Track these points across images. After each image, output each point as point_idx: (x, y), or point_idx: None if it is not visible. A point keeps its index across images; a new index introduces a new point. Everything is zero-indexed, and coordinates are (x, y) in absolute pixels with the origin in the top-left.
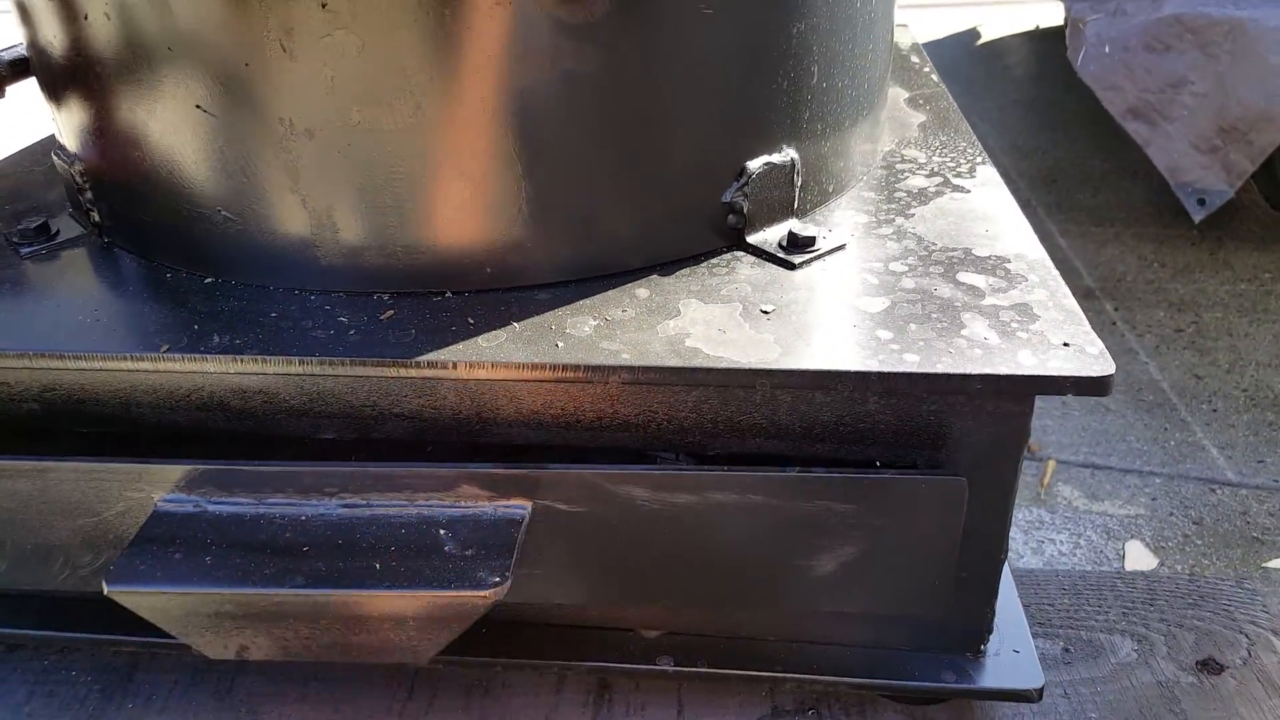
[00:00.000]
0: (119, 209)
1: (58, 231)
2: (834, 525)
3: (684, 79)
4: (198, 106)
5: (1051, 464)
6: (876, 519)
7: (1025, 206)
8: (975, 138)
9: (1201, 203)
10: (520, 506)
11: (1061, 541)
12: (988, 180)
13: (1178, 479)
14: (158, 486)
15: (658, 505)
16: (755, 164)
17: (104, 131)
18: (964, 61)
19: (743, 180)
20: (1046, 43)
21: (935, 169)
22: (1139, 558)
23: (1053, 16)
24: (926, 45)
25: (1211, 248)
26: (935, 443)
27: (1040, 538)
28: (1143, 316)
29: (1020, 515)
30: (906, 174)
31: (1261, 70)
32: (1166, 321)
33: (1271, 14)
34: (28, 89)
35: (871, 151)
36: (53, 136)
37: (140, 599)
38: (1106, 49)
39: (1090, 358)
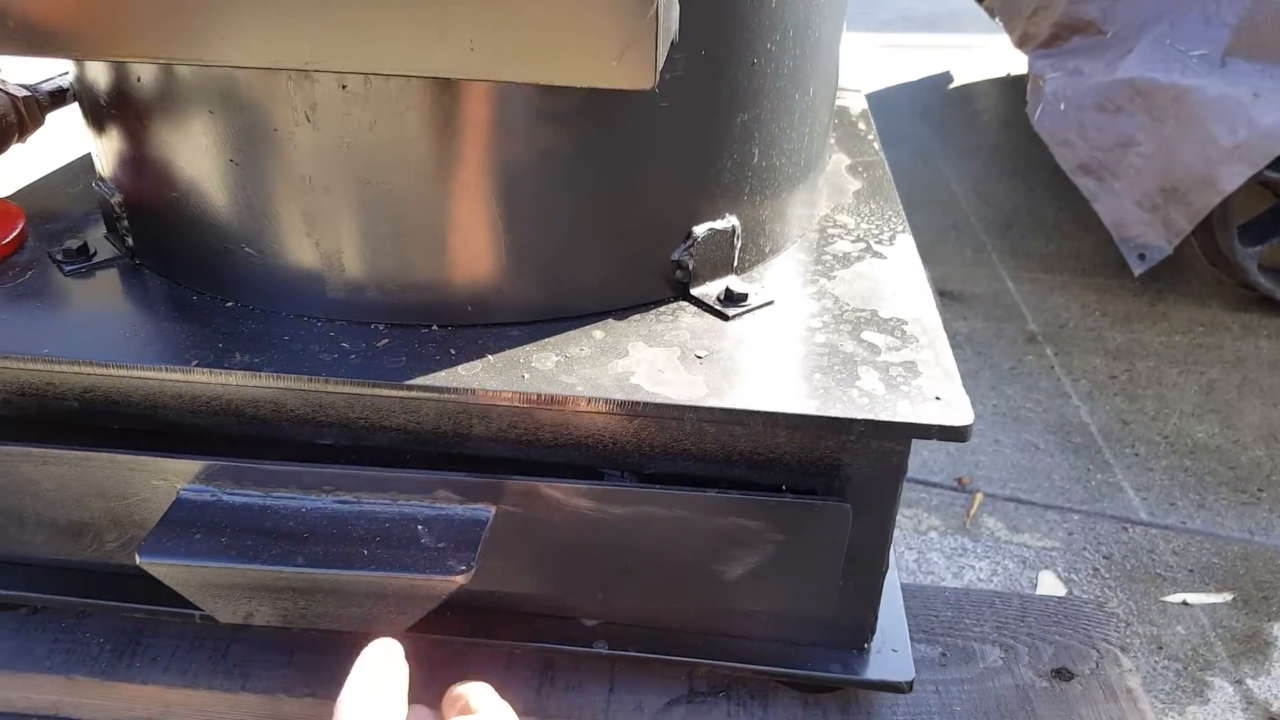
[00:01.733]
0: (152, 237)
1: (95, 252)
2: (743, 537)
3: (643, 158)
4: (231, 160)
5: (979, 496)
6: (777, 534)
7: (981, 251)
8: (901, 207)
9: (1142, 258)
10: (485, 509)
11: (981, 569)
12: (904, 248)
13: (1094, 516)
14: (181, 478)
15: (599, 514)
16: (701, 229)
17: (143, 170)
18: (936, 104)
19: (689, 242)
20: (1015, 90)
21: (861, 235)
22: (1050, 587)
23: (1023, 65)
24: (901, 87)
25: (1152, 300)
26: (830, 472)
27: (961, 564)
28: (1080, 362)
29: (945, 543)
30: (836, 238)
31: (1202, 136)
32: (1102, 368)
33: (1214, 84)
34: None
35: (808, 216)
36: (86, 161)
37: (167, 570)
38: (1062, 106)
39: (955, 410)
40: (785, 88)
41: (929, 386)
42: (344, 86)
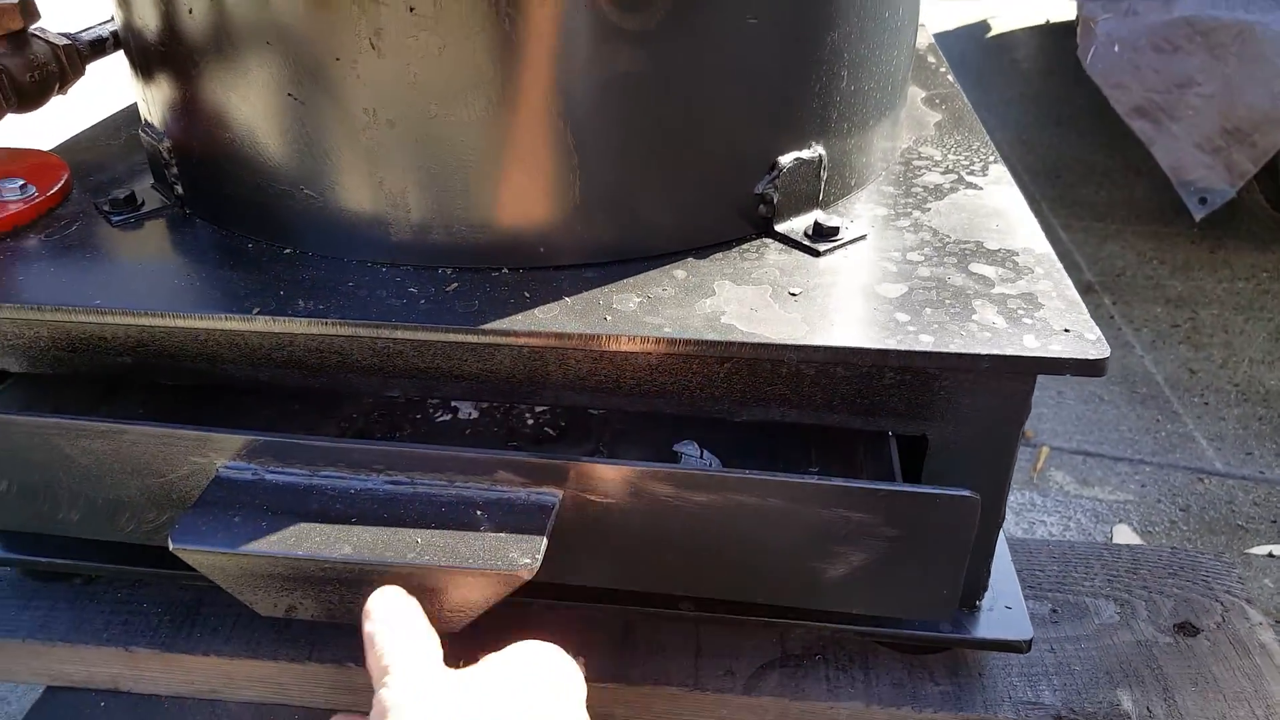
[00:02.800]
0: (203, 183)
1: (143, 202)
2: (850, 532)
3: (726, 82)
4: (289, 95)
5: (1045, 450)
6: (891, 529)
7: (1029, 201)
8: (988, 137)
9: (1203, 201)
10: (552, 494)
11: (1052, 524)
12: (999, 178)
13: (1167, 468)
14: (221, 454)
15: (680, 501)
16: (786, 159)
17: (194, 112)
18: (974, 54)
19: (774, 174)
20: (1055, 37)
21: (950, 166)
22: (1127, 540)
23: (1062, 11)
24: (938, 36)
25: (1211, 246)
26: (944, 415)
27: (1032, 519)
28: (1140, 311)
29: (1013, 498)
30: (923, 170)
31: (1268, 73)
32: (1163, 317)
33: (1279, 18)
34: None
35: (891, 148)
36: (129, 113)
37: (201, 557)
38: (1116, 48)
39: (1088, 342)
40: (874, 4)
41: (1055, 319)
42: (412, 9)
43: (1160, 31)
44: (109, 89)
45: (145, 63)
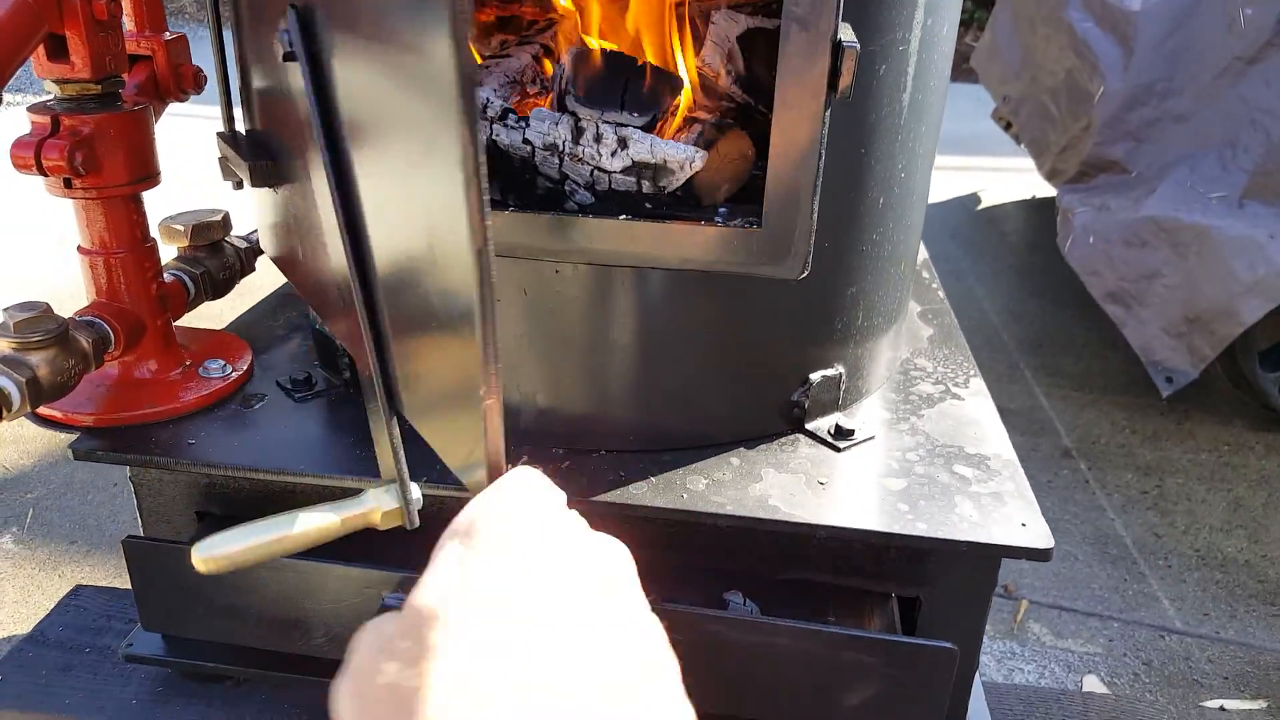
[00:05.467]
0: None
1: (316, 383)
2: (858, 669)
3: (775, 322)
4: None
5: (1024, 604)
6: (890, 669)
7: (1015, 368)
8: (969, 352)
9: (1170, 380)
10: None
11: (1029, 671)
12: (978, 391)
13: (1133, 624)
14: (386, 585)
15: (727, 639)
16: (815, 376)
17: None
18: (965, 224)
19: (805, 386)
20: (1041, 212)
21: (939, 378)
22: (1094, 690)
23: (1046, 188)
24: (933, 206)
25: (1178, 418)
26: (933, 582)
27: (1011, 667)
28: (1113, 477)
29: (995, 646)
30: (918, 380)
31: (1223, 272)
32: (1134, 484)
33: (1233, 224)
34: None
35: (894, 358)
36: (279, 296)
37: None
38: (1091, 239)
39: (1039, 535)
40: (885, 265)
41: (1016, 514)
42: (556, 271)
43: (1130, 228)
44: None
45: None
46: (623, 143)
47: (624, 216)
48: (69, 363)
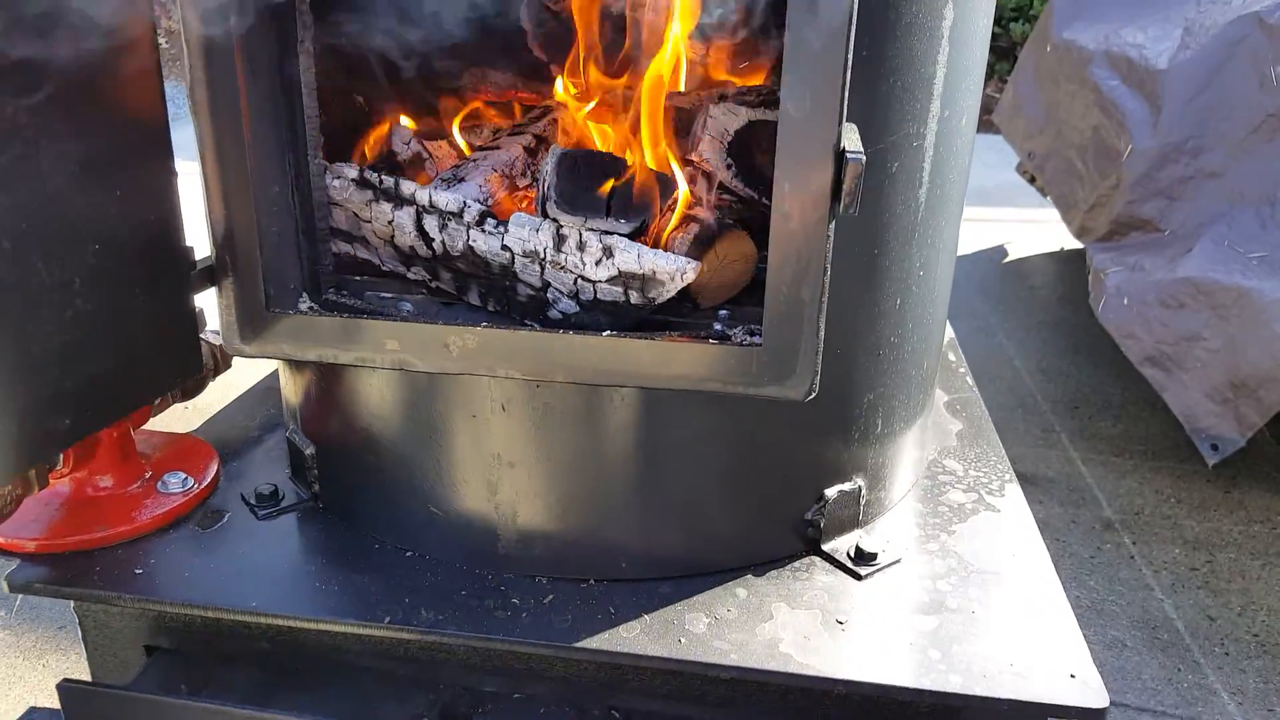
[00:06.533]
0: (340, 488)
1: (283, 496)
2: None
3: (784, 434)
4: (430, 437)
5: None
6: None
7: (1050, 431)
8: (1003, 450)
9: (1215, 448)
10: None
11: None
12: (1014, 499)
13: None
14: None
15: None
16: (831, 491)
17: (346, 439)
18: (993, 278)
19: (820, 503)
20: (1070, 265)
21: (971, 483)
22: None
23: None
24: (959, 260)
25: (1226, 486)
26: None
27: None
28: (1159, 552)
29: None
30: (948, 486)
31: (1267, 335)
32: (1182, 559)
33: (1275, 286)
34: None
35: (920, 459)
36: (257, 393)
37: None
38: (1125, 301)
39: (1091, 691)
40: (905, 367)
41: (1063, 662)
42: (538, 385)
43: (1166, 289)
44: None
45: (303, 383)
46: (608, 251)
47: (609, 332)
48: (3, 490)
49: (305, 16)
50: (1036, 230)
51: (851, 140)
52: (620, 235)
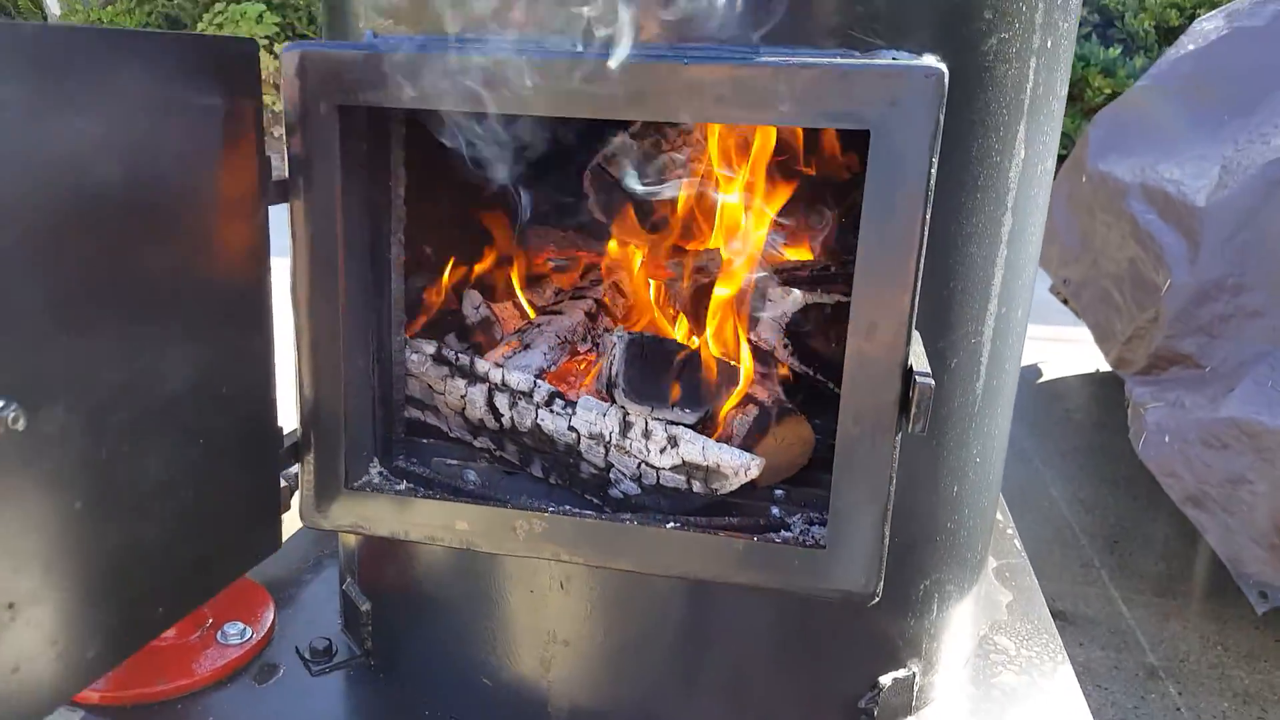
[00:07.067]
0: (395, 649)
1: (336, 650)
2: None
3: (836, 623)
4: (487, 609)
5: None
6: None
7: (1089, 567)
8: (1053, 625)
9: (1264, 596)
10: None
11: None
12: (1066, 684)
13: None
14: None
15: None
16: (885, 679)
17: (404, 600)
18: (1028, 399)
19: (875, 690)
20: (1106, 388)
21: (1023, 665)
22: None
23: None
24: None
25: (1276, 634)
26: None
27: None
28: (1208, 705)
29: None
30: (1000, 668)
31: None
32: (1232, 714)
33: None
34: None
35: (972, 635)
36: (310, 537)
37: None
38: (1166, 438)
39: None
40: (961, 553)
41: None
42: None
43: (1209, 428)
44: None
45: (366, 546)
46: (673, 441)
47: (673, 524)
48: None
49: (399, 209)
50: (1071, 350)
51: (919, 359)
52: (685, 425)
